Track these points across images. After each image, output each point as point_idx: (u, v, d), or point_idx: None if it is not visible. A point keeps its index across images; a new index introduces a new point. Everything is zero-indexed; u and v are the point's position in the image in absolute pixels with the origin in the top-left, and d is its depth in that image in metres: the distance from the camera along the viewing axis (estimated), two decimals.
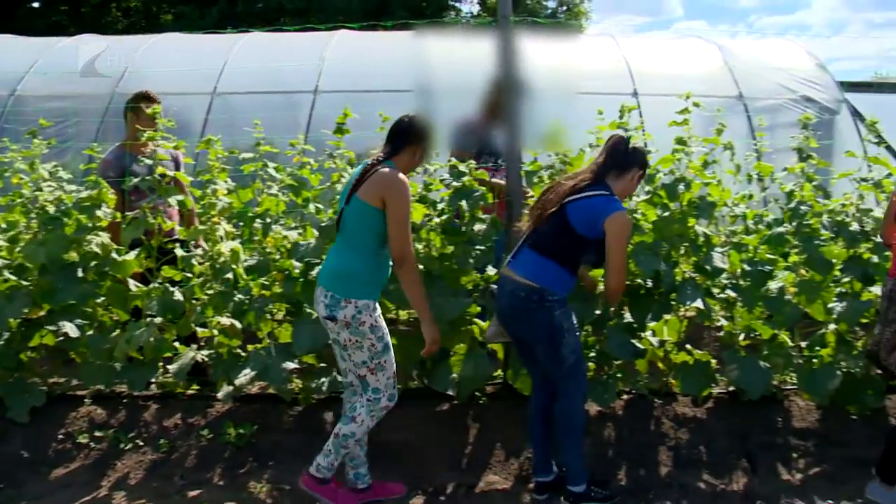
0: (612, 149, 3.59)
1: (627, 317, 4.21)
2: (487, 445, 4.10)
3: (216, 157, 4.71)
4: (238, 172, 4.82)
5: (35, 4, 24.12)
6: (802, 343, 4.39)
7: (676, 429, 4.20)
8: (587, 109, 4.62)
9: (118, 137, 5.26)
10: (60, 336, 4.26)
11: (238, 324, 4.21)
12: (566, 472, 3.66)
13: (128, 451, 4.09)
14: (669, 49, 9.22)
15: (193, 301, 4.32)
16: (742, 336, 4.35)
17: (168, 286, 4.29)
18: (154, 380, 4.41)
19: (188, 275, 4.36)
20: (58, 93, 7.79)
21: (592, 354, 4.21)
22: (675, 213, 4.20)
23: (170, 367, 4.31)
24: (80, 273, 4.25)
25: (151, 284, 4.32)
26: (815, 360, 4.21)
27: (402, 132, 3.42)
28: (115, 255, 4.28)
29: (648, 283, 4.20)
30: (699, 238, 4.24)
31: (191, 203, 4.60)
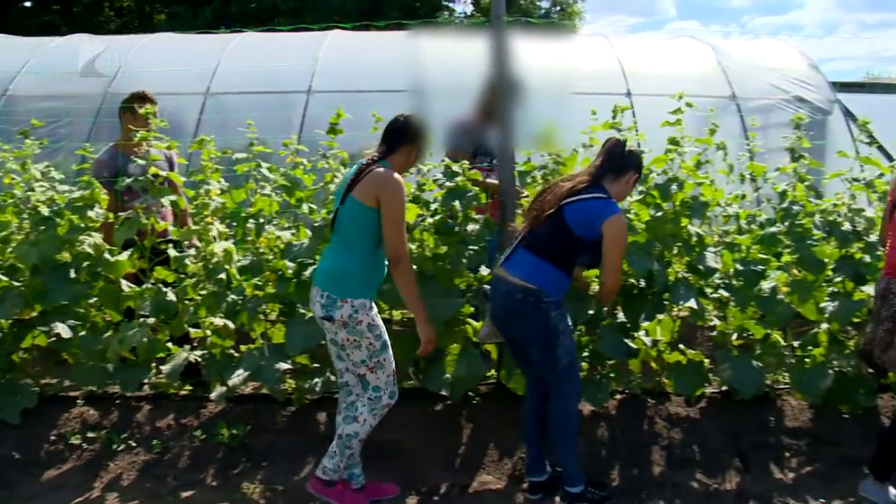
0: (609, 152, 3.60)
1: (621, 316, 4.22)
2: (481, 445, 4.10)
3: (209, 158, 4.72)
4: (231, 173, 4.81)
5: (27, 4, 24.00)
6: (795, 343, 4.41)
7: (669, 428, 4.21)
8: (580, 109, 4.61)
9: (111, 138, 5.25)
10: (52, 337, 4.25)
11: (231, 324, 4.20)
12: (563, 473, 3.65)
13: (120, 452, 4.08)
14: (662, 49, 9.23)
15: (186, 301, 4.31)
16: (735, 336, 4.35)
17: (161, 287, 4.28)
18: (147, 380, 4.40)
19: (181, 275, 4.35)
20: (50, 93, 7.75)
21: (586, 354, 4.22)
22: (668, 213, 4.21)
23: (163, 368, 4.30)
24: (73, 274, 4.24)
25: (144, 285, 4.31)
26: (808, 360, 4.23)
27: (397, 132, 3.42)
28: (108, 256, 4.27)
29: (642, 283, 4.21)
30: (692, 238, 4.25)
31: (184, 203, 4.58)
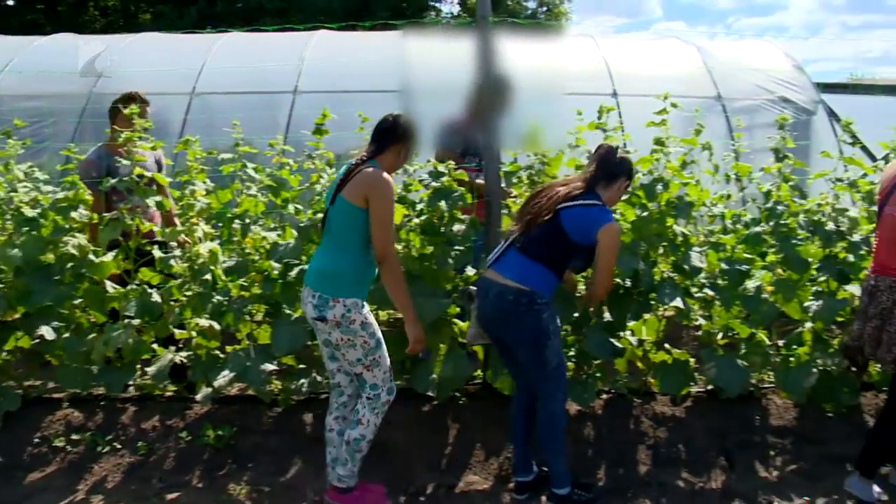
0: (602, 159, 3.64)
1: (607, 316, 4.23)
2: (467, 446, 4.10)
3: (195, 158, 4.70)
4: (217, 173, 4.79)
5: (10, 2, 23.81)
6: (779, 342, 4.44)
7: (655, 427, 4.23)
8: (566, 110, 4.62)
9: (95, 138, 5.23)
10: (36, 338, 4.22)
11: (217, 325, 4.19)
12: (550, 474, 3.66)
13: (105, 454, 4.06)
14: (649, 50, 9.25)
15: (172, 302, 4.29)
16: (720, 335, 4.38)
17: (146, 288, 4.26)
18: (132, 382, 4.38)
19: (166, 276, 4.33)
20: (33, 92, 7.67)
21: (572, 354, 4.23)
22: (654, 213, 4.23)
23: (148, 370, 4.28)
24: (57, 275, 4.21)
25: (129, 286, 4.28)
26: (792, 359, 4.25)
27: (386, 131, 3.42)
28: (93, 257, 4.24)
29: (627, 283, 4.22)
30: (677, 238, 4.27)
31: (169, 204, 4.56)
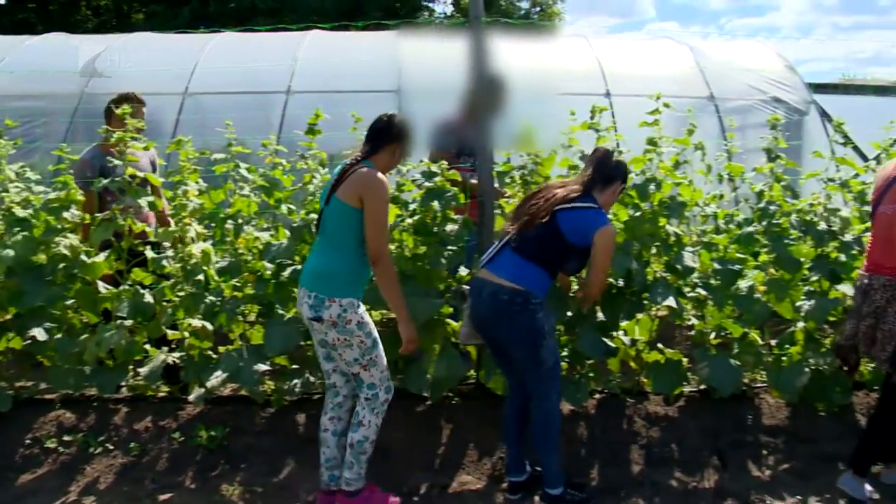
0: (600, 163, 3.66)
1: (600, 316, 4.23)
2: (460, 445, 4.10)
3: (187, 158, 4.69)
4: (210, 173, 4.79)
5: (1, 1, 23.72)
6: (772, 341, 4.45)
7: (648, 427, 4.23)
8: (560, 110, 4.63)
9: (87, 138, 5.21)
10: (28, 339, 4.20)
11: (209, 325, 4.18)
12: (543, 474, 3.66)
13: (97, 456, 4.04)
14: (642, 50, 9.27)
15: (164, 303, 4.28)
16: (713, 335, 4.38)
17: (138, 288, 4.24)
18: (124, 383, 4.37)
19: (159, 276, 4.32)
20: (25, 92, 7.65)
21: (565, 353, 4.23)
22: (646, 213, 4.24)
23: (140, 370, 4.27)
24: (49, 275, 4.20)
25: (122, 286, 4.27)
26: (785, 358, 4.26)
27: (381, 131, 3.42)
28: (85, 257, 4.23)
29: (620, 283, 4.22)
30: (670, 237, 4.28)
31: (161, 204, 4.55)
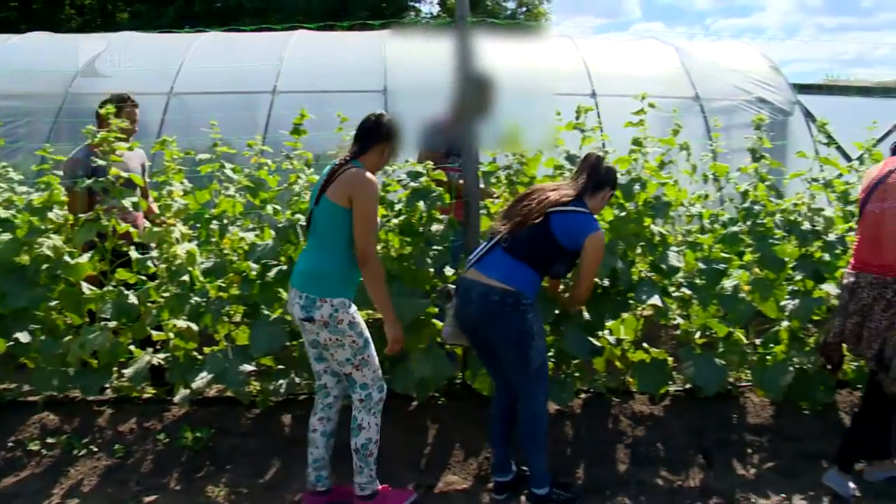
0: (592, 169, 3.69)
1: (585, 315, 4.24)
2: (446, 446, 4.11)
3: (172, 158, 4.67)
4: (195, 173, 4.77)
5: None
6: (756, 340, 4.48)
7: (634, 426, 4.25)
8: (545, 110, 4.64)
9: (71, 138, 5.17)
10: (11, 341, 4.17)
11: (195, 326, 4.16)
12: (530, 474, 3.66)
13: (81, 458, 4.02)
14: (627, 50, 9.29)
15: (149, 304, 4.26)
16: (698, 334, 4.40)
17: (122, 289, 4.22)
18: (109, 384, 4.34)
19: (143, 277, 4.30)
20: (8, 91, 7.57)
21: (551, 353, 4.23)
22: (631, 213, 4.25)
23: (125, 372, 4.24)
24: (32, 277, 4.17)
25: (105, 287, 4.24)
26: (769, 357, 4.29)
27: (369, 131, 3.42)
28: (68, 258, 4.20)
29: (605, 282, 4.24)
30: (655, 237, 4.30)
31: (146, 205, 4.53)
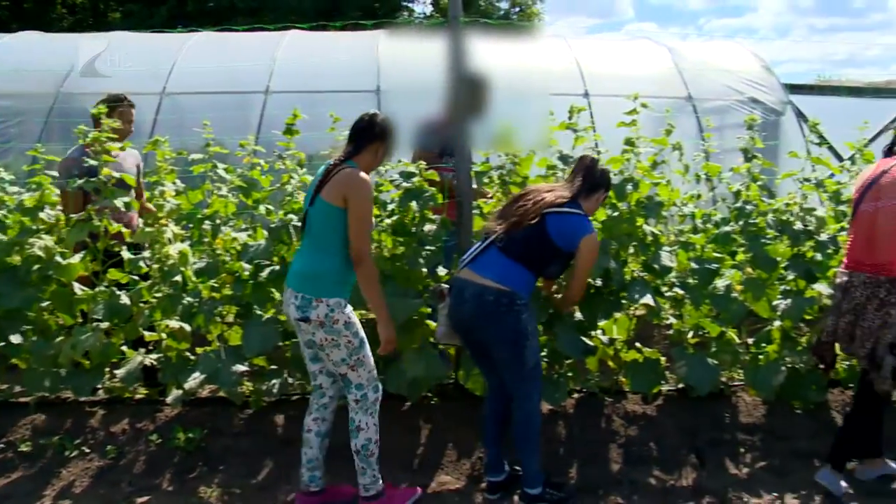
0: (587, 171, 3.70)
1: (578, 315, 4.24)
2: (439, 446, 4.11)
3: (164, 159, 4.65)
4: (187, 173, 4.75)
5: None
6: (749, 340, 4.49)
7: (627, 426, 4.25)
8: (538, 110, 4.65)
9: (63, 138, 5.15)
10: (3, 342, 4.15)
11: (187, 327, 4.15)
12: (523, 474, 3.66)
13: (73, 459, 4.00)
14: (620, 50, 9.31)
15: (141, 304, 4.24)
16: (690, 334, 4.41)
17: (115, 289, 4.21)
18: (101, 385, 4.33)
19: (135, 277, 4.28)
20: None
21: (544, 353, 4.23)
22: (624, 213, 4.26)
23: (117, 372, 4.23)
24: (24, 277, 4.15)
25: (97, 288, 4.23)
26: (761, 357, 4.30)
27: (363, 131, 3.42)
28: (60, 259, 4.19)
29: (598, 282, 4.24)
30: (647, 237, 4.30)
31: (137, 205, 4.52)
